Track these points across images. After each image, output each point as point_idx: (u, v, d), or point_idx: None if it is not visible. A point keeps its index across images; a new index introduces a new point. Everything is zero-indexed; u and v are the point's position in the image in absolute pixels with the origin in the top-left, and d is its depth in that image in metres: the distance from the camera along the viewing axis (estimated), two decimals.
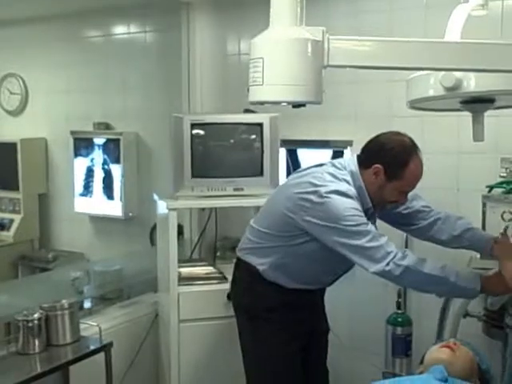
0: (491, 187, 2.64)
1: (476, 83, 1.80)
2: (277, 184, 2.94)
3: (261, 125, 3.01)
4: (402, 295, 2.93)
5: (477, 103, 2.02)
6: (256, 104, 1.55)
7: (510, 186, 2.59)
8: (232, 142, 3.13)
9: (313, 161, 2.56)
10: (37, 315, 2.55)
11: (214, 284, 3.02)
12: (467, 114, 2.13)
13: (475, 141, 2.13)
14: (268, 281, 2.34)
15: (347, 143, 3.16)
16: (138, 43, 4.21)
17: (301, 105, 1.53)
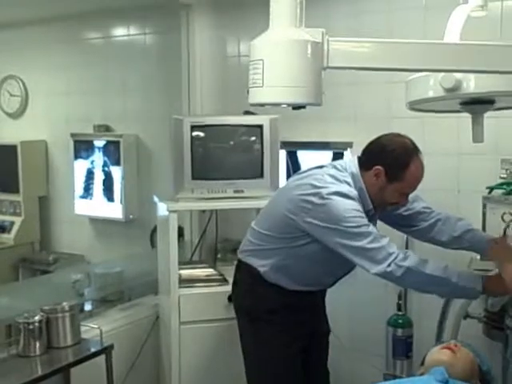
0: (491, 188, 2.64)
1: (476, 84, 1.79)
2: (277, 186, 2.94)
3: (261, 126, 3.01)
4: (403, 297, 2.93)
5: (476, 104, 2.02)
6: (256, 106, 1.55)
7: (511, 188, 2.59)
8: (232, 143, 3.12)
9: (313, 162, 2.56)
10: (38, 318, 2.55)
11: (215, 286, 3.02)
12: (467, 116, 2.13)
13: (475, 142, 2.13)
14: (269, 282, 2.34)
15: (347, 145, 3.16)
16: (138, 45, 4.21)
17: (301, 106, 1.53)
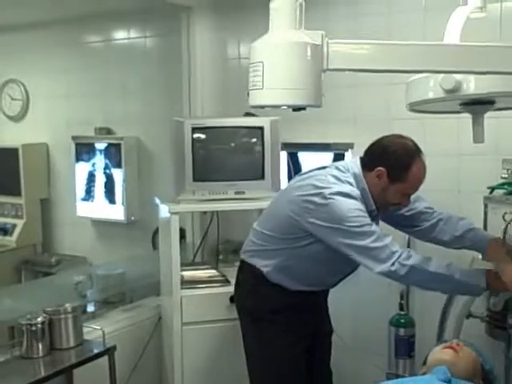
0: (492, 188, 2.64)
1: (476, 85, 1.79)
2: (278, 187, 2.95)
3: (261, 128, 3.02)
4: (405, 296, 2.93)
5: (477, 105, 2.02)
6: (256, 108, 1.56)
7: None
8: (233, 145, 3.13)
9: (314, 164, 2.57)
10: (40, 319, 2.55)
11: (217, 287, 3.03)
12: (467, 116, 2.13)
13: (475, 142, 2.13)
14: (272, 283, 2.35)
15: (348, 146, 3.16)
16: (139, 48, 4.21)
17: (301, 108, 1.54)
